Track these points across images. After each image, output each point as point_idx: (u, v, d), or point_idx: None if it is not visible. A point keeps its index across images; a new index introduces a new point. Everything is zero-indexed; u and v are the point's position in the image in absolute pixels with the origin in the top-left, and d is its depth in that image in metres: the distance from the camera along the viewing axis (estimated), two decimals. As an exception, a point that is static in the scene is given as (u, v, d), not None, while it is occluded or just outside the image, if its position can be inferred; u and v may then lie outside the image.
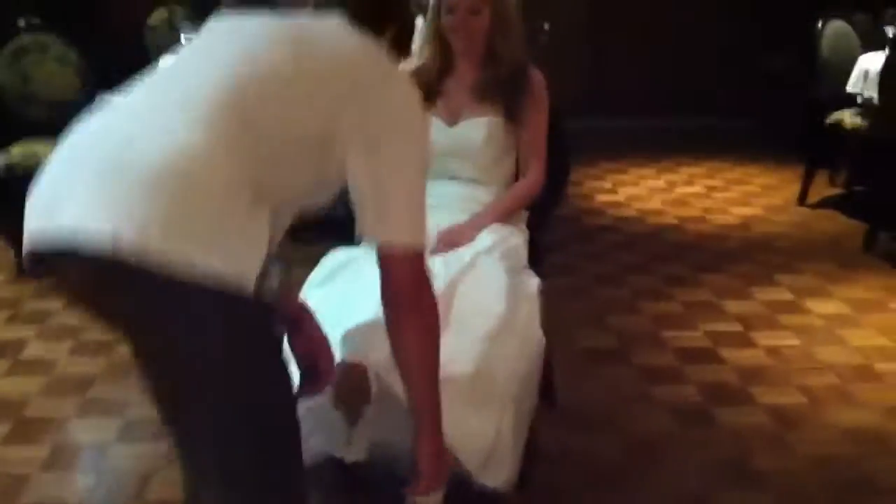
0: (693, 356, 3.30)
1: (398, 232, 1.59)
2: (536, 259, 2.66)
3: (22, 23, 4.35)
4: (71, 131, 1.48)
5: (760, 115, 6.41)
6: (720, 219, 4.84)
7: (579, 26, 6.68)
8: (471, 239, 2.42)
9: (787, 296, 3.82)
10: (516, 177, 2.66)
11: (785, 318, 3.60)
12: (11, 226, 3.86)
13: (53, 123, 4.01)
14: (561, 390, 2.91)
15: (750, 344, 3.39)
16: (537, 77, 2.62)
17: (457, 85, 2.61)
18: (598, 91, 6.68)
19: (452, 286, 2.24)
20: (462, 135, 2.56)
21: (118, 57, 5.02)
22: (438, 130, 2.57)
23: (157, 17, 5.49)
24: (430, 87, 2.61)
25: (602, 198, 5.22)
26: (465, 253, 2.36)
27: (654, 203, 5.11)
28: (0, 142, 3.99)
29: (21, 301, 3.71)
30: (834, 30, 4.99)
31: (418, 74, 2.63)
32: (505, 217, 2.55)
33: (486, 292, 2.25)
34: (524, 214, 2.66)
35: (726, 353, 3.32)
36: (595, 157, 5.93)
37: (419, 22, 2.47)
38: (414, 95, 1.64)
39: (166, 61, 1.68)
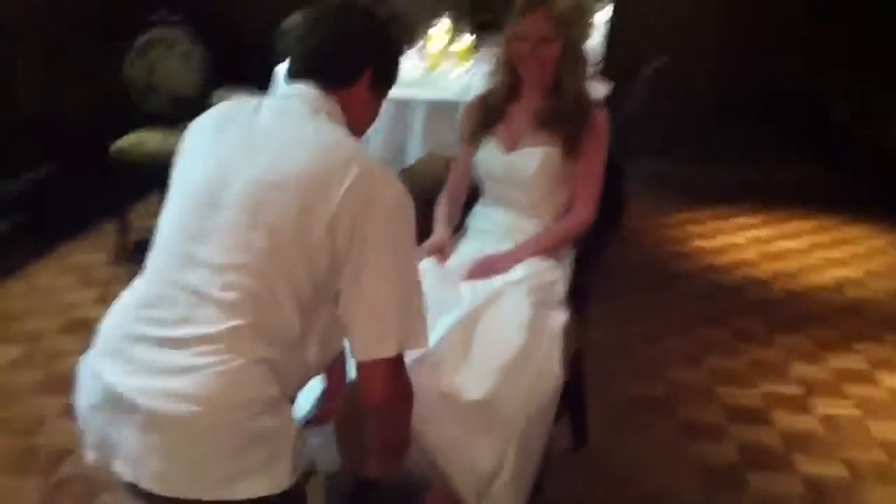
0: (741, 416, 3.26)
1: (367, 345, 1.67)
2: (581, 298, 2.70)
3: (154, 17, 4.62)
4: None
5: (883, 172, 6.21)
6: (814, 278, 4.72)
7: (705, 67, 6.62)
8: (505, 270, 2.49)
9: (860, 365, 3.72)
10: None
11: (850, 388, 3.51)
12: (117, 207, 4.17)
13: (171, 115, 4.36)
14: (594, 436, 2.96)
15: (805, 410, 3.33)
16: (600, 114, 2.66)
17: (521, 112, 2.68)
18: (711, 135, 6.61)
19: (476, 314, 2.33)
20: (518, 161, 2.63)
21: (242, 57, 5.32)
22: (494, 155, 2.66)
23: (292, 21, 5.70)
24: (496, 112, 2.70)
25: (697, 243, 5.16)
26: (494, 282, 2.43)
27: (749, 254, 5.02)
28: (120, 129, 4.26)
29: (113, 283, 3.93)
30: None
31: (485, 99, 2.73)
32: (547, 251, 2.59)
33: (507, 324, 2.32)
34: (570, 251, 2.70)
35: (777, 416, 3.27)
36: (701, 203, 5.87)
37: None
38: (394, 203, 1.66)
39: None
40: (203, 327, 1.57)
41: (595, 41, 5.98)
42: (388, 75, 1.88)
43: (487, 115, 2.71)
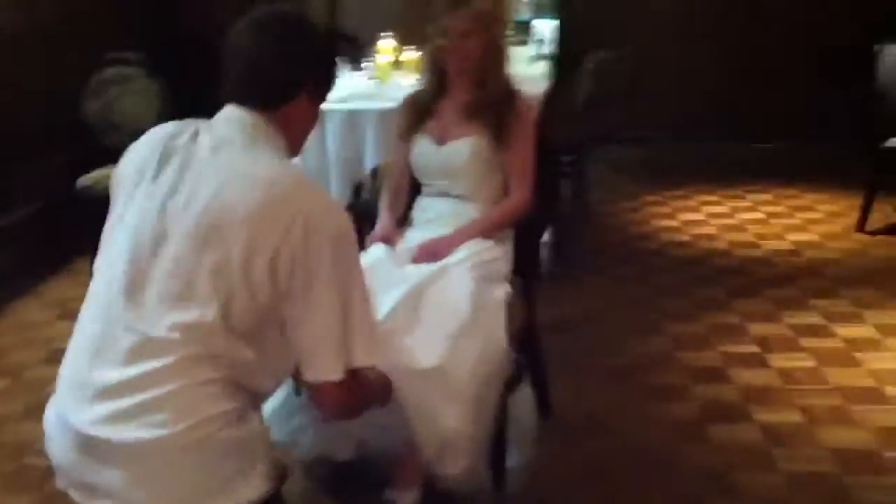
0: (702, 376, 3.40)
1: (316, 371, 1.71)
2: (524, 276, 2.85)
3: (109, 56, 4.75)
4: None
5: (840, 140, 6.38)
6: (772, 244, 4.87)
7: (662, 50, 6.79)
8: (449, 252, 2.63)
9: (816, 320, 3.87)
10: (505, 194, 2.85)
11: (807, 342, 3.65)
12: (86, 239, 4.28)
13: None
14: (563, 403, 3.10)
15: (763, 365, 3.47)
16: (525, 102, 2.82)
17: (449, 107, 2.83)
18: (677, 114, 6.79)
19: (421, 287, 2.48)
20: (449, 154, 2.78)
21: (200, 86, 5.46)
22: (428, 150, 2.82)
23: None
24: (425, 109, 2.85)
25: (658, 223, 5.31)
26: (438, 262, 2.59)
27: (710, 229, 5.17)
28: (84, 165, 4.39)
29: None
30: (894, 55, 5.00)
31: (416, 98, 2.89)
32: (487, 233, 2.73)
33: (453, 295, 2.48)
34: (509, 233, 2.84)
35: (736, 373, 3.41)
36: (661, 183, 6.04)
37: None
38: (332, 230, 1.68)
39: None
40: (153, 363, 1.63)
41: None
42: (326, 83, 1.88)
43: (419, 113, 2.87)
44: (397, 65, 4.74)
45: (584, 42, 5.90)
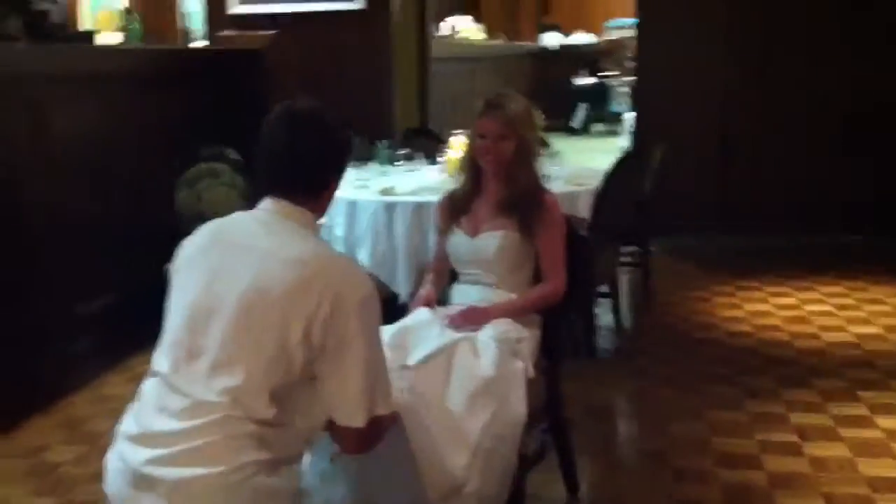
0: (733, 462, 3.49)
1: (342, 418, 2.06)
2: (551, 358, 3.04)
3: (204, 151, 5.20)
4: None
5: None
6: (834, 336, 4.90)
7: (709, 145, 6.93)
8: (485, 321, 2.88)
9: (860, 411, 3.90)
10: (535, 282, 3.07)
11: (846, 432, 3.70)
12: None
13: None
14: (592, 483, 3.26)
15: (797, 453, 3.53)
16: (550, 198, 3.07)
17: (483, 202, 3.10)
18: (747, 206, 6.88)
19: (452, 347, 2.72)
20: (480, 245, 3.03)
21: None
22: (462, 241, 3.08)
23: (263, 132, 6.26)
24: (461, 206, 3.12)
25: (723, 313, 5.39)
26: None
27: (775, 320, 5.22)
28: (173, 252, 4.79)
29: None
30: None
31: (452, 196, 3.16)
32: (521, 313, 2.96)
33: (479, 360, 2.72)
34: (536, 319, 3.04)
35: (768, 461, 3.48)
36: (730, 274, 6.13)
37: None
38: (359, 300, 2.01)
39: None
40: (202, 419, 1.97)
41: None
42: (345, 168, 2.22)
43: (456, 209, 3.14)
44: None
45: (656, 134, 6.14)
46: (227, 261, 2.08)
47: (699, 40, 6.94)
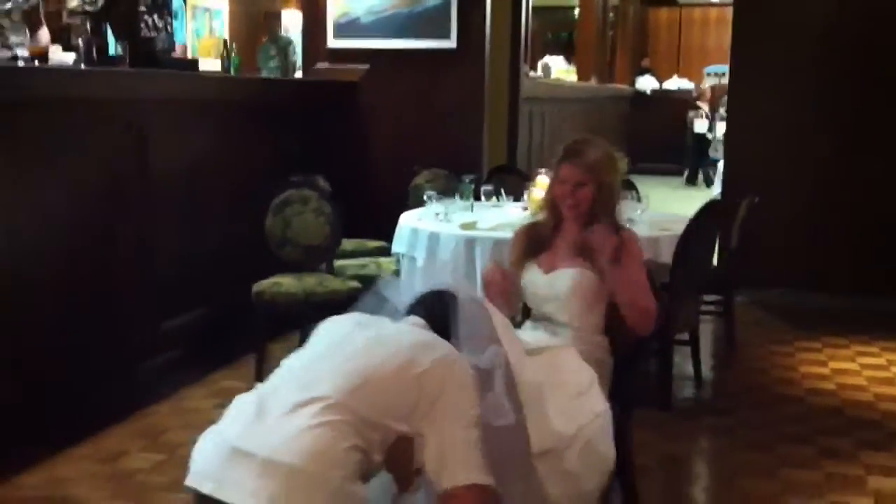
0: (804, 521, 3.41)
1: (459, 475, 2.22)
2: (623, 409, 3.02)
3: (295, 178, 5.32)
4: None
5: None
6: (918, 400, 4.77)
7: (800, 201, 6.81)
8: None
9: (941, 479, 3.78)
10: (606, 328, 3.07)
11: (925, 499, 3.59)
12: (255, 341, 4.78)
13: (303, 262, 4.99)
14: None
15: (872, 517, 3.44)
16: (628, 234, 3.08)
17: (562, 241, 3.12)
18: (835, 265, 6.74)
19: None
20: (554, 281, 3.05)
21: (369, 211, 6.00)
22: (536, 276, 3.10)
23: (421, 179, 6.34)
24: (540, 243, 3.14)
25: (807, 369, 5.28)
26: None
27: (860, 380, 5.10)
28: (259, 273, 4.91)
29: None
30: None
31: (530, 229, 3.19)
32: (634, 303, 2.97)
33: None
34: (609, 365, 3.04)
35: (841, 523, 3.40)
36: (819, 331, 6.00)
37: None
38: (462, 377, 2.30)
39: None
40: (309, 413, 2.15)
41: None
42: None
43: (534, 244, 3.15)
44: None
45: (746, 184, 6.08)
46: (359, 332, 2.40)
47: (791, 91, 6.83)
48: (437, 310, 2.50)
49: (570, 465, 2.58)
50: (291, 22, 11.55)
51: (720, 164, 9.09)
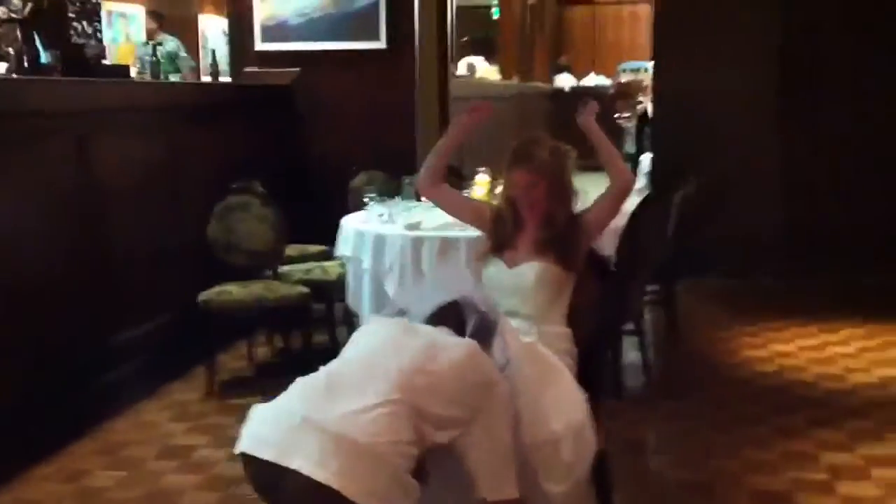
0: (765, 499, 3.51)
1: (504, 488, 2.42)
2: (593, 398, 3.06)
3: (235, 185, 5.24)
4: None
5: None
6: (859, 378, 4.92)
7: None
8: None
9: (891, 451, 3.91)
10: (569, 319, 3.11)
11: (878, 472, 3.71)
12: (205, 351, 4.70)
13: (248, 270, 4.94)
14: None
15: (829, 492, 3.55)
16: (585, 216, 3.13)
17: (524, 238, 3.14)
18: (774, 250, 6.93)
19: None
20: (517, 275, 3.07)
21: (314, 214, 5.95)
22: (500, 271, 3.11)
23: (358, 181, 6.30)
24: (504, 240, 3.16)
25: (747, 353, 5.42)
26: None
27: (799, 361, 5.25)
28: (204, 282, 4.84)
29: (203, 417, 4.43)
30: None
31: (499, 220, 3.20)
32: (611, 154, 3.22)
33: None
34: (573, 350, 3.07)
35: (801, 498, 3.50)
36: (755, 315, 6.15)
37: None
38: (503, 389, 2.47)
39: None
40: (384, 397, 2.26)
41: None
42: None
43: (497, 240, 3.17)
44: (491, 197, 5.09)
45: (677, 174, 6.18)
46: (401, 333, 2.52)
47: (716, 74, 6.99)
48: (455, 319, 2.61)
49: (566, 457, 2.61)
50: (209, 25, 11.40)
51: (643, 157, 9.26)
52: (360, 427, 2.16)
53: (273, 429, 2.23)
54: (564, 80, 16.35)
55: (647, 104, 10.18)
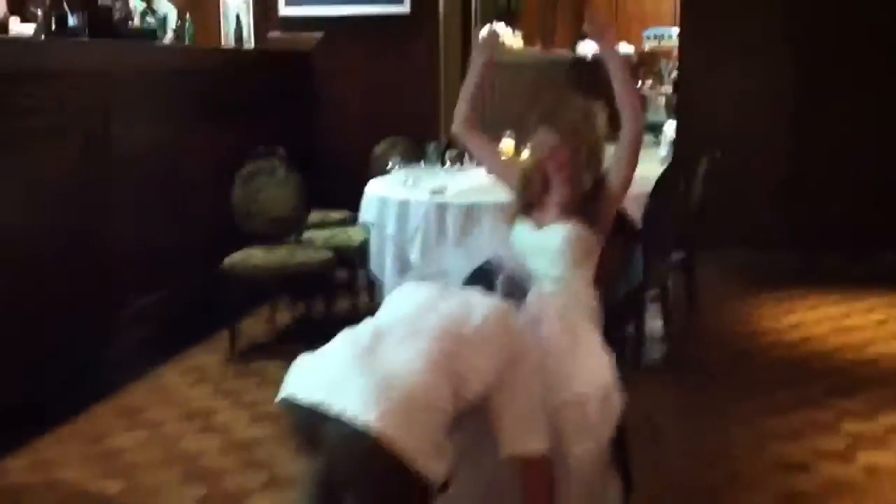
0: (785, 466, 3.53)
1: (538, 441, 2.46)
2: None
3: (259, 150, 5.26)
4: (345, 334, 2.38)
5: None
6: (878, 349, 4.92)
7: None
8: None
9: (907, 423, 3.93)
10: (595, 282, 3.11)
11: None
12: (228, 316, 4.74)
13: (270, 234, 4.96)
14: (646, 481, 3.28)
15: (849, 461, 3.56)
16: (608, 177, 3.09)
17: (551, 200, 3.12)
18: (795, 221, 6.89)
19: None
20: (545, 237, 3.05)
21: (332, 181, 5.96)
22: (527, 233, 3.10)
23: (381, 147, 6.30)
24: (532, 202, 3.16)
25: (767, 324, 5.41)
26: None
27: (819, 330, 5.25)
28: (227, 248, 4.87)
29: (224, 380, 4.49)
30: None
31: (528, 180, 3.18)
32: (626, 76, 3.13)
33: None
34: (600, 312, 3.08)
35: (822, 466, 3.52)
36: (776, 287, 6.16)
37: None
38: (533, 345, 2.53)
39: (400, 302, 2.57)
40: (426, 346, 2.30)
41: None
42: None
43: (526, 201, 3.16)
44: (517, 161, 5.09)
45: (701, 144, 6.15)
46: (440, 294, 2.53)
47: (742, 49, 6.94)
48: (486, 280, 2.65)
49: (593, 418, 2.63)
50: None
51: (666, 127, 9.20)
52: (402, 378, 2.19)
53: (319, 374, 2.26)
54: (586, 48, 16.21)
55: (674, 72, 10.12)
